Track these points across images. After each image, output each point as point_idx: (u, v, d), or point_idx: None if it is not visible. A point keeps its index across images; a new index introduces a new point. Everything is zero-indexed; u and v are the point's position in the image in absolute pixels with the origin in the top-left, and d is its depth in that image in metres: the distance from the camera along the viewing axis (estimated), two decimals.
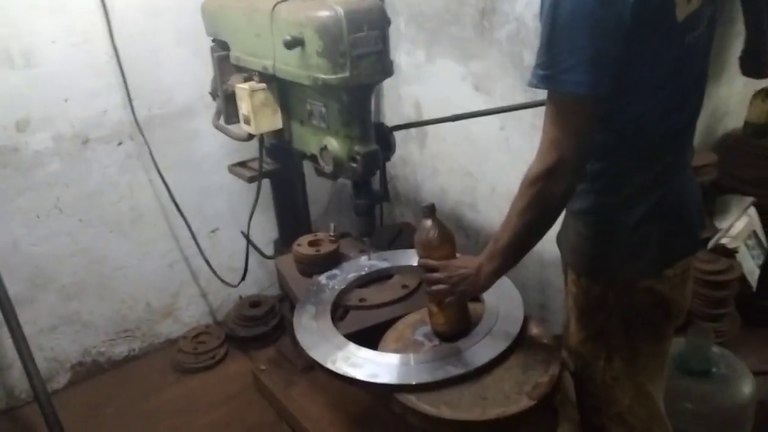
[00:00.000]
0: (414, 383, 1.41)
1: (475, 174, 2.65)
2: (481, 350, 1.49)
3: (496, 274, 1.37)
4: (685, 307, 1.42)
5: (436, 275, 1.46)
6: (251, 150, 2.37)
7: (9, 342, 2.32)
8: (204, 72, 2.34)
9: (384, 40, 1.61)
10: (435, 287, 1.47)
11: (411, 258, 1.92)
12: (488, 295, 1.68)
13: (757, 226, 2.67)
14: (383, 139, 1.78)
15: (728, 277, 2.44)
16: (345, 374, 1.46)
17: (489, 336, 1.53)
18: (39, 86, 2.21)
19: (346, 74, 1.56)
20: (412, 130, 2.87)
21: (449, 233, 1.53)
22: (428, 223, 1.51)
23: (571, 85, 1.10)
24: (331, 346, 1.58)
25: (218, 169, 2.60)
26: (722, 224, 2.50)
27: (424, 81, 2.76)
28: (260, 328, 2.73)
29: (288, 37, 1.58)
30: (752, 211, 2.66)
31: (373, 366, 1.48)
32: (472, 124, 2.54)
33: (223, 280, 2.70)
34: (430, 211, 1.51)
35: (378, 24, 1.58)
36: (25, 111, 2.22)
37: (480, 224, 2.70)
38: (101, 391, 2.57)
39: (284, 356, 2.48)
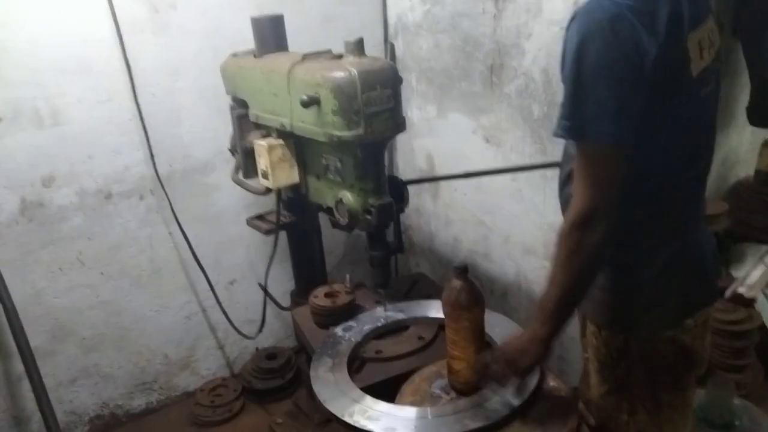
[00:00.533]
0: None
1: (488, 224, 2.68)
2: (498, 404, 1.49)
3: (552, 337, 1.34)
4: (705, 357, 1.42)
5: (496, 369, 1.44)
6: (268, 203, 2.43)
7: (29, 395, 2.35)
8: (223, 128, 2.42)
9: (396, 97, 1.67)
10: (500, 379, 1.45)
11: (427, 309, 1.95)
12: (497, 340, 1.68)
13: None
14: (397, 191, 1.82)
15: (747, 326, 2.42)
16: (363, 428, 1.46)
17: (506, 389, 1.53)
18: (65, 144, 2.29)
19: (360, 131, 1.62)
20: (425, 184, 2.93)
21: (479, 295, 1.51)
22: (458, 284, 1.48)
23: (595, 135, 1.13)
24: (348, 399, 1.58)
25: (236, 222, 2.65)
26: (738, 273, 2.50)
27: (435, 134, 2.82)
28: (277, 380, 2.73)
29: (305, 97, 1.65)
30: None
31: (391, 419, 1.48)
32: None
33: (240, 332, 2.72)
34: (462, 271, 1.49)
35: (390, 83, 1.64)
36: (51, 167, 2.29)
37: (493, 274, 2.71)
38: None
39: (300, 409, 2.47)
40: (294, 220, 2.20)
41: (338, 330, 1.86)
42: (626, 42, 1.08)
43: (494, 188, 2.54)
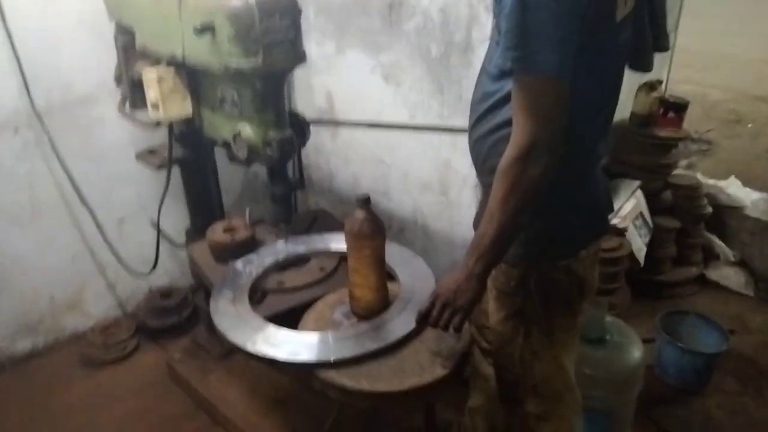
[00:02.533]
0: (333, 359, 1.47)
1: (387, 161, 2.73)
2: (397, 326, 1.57)
3: (487, 273, 1.35)
4: (595, 285, 1.53)
5: (432, 310, 1.40)
6: (160, 137, 2.33)
7: None
8: (106, 57, 2.27)
9: (296, 28, 1.63)
10: (438, 321, 1.39)
11: (328, 242, 1.98)
12: (403, 275, 1.76)
13: (644, 208, 2.93)
14: (298, 127, 1.81)
15: (619, 254, 2.67)
16: (264, 355, 1.49)
17: (405, 312, 1.61)
18: None
19: (259, 61, 1.58)
20: (325, 119, 2.91)
21: (381, 225, 1.55)
22: (361, 214, 1.52)
23: (541, 65, 1.15)
24: (250, 328, 1.60)
25: (124, 157, 2.53)
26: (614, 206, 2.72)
27: (334, 72, 2.79)
28: (173, 318, 2.70)
29: (198, 25, 1.58)
30: (639, 193, 2.91)
31: (293, 345, 1.52)
32: (383, 111, 2.62)
33: (132, 271, 2.64)
34: (364, 202, 1.52)
35: (289, 12, 1.61)
36: None
37: (393, 211, 2.78)
38: (4, 388, 2.46)
39: (200, 345, 2.47)
40: (187, 155, 2.13)
41: (238, 264, 1.86)
42: None
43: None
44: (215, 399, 2.27)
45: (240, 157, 1.77)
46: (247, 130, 1.73)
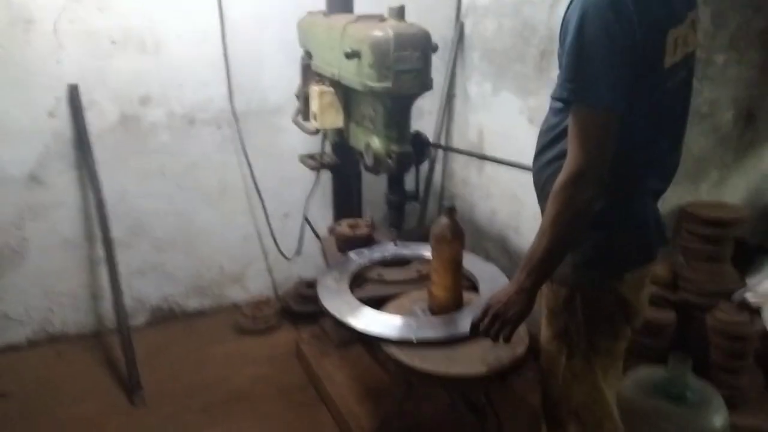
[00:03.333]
0: (395, 338, 1.70)
1: (521, 198, 2.89)
2: (461, 325, 1.75)
3: (536, 287, 1.43)
4: (640, 310, 1.59)
5: (485, 320, 1.49)
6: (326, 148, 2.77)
7: (104, 277, 2.84)
8: (296, 77, 2.76)
9: (425, 60, 1.93)
10: (489, 331, 1.49)
11: (428, 250, 2.22)
12: (484, 289, 1.94)
13: None
14: (418, 146, 2.09)
15: (747, 330, 2.51)
16: (347, 324, 1.77)
17: (472, 316, 1.78)
18: (162, 71, 2.73)
19: (389, 84, 1.90)
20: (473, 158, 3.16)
21: (461, 232, 1.77)
22: (445, 220, 1.77)
23: (594, 98, 1.27)
24: (344, 303, 1.90)
25: (297, 162, 3.01)
26: (752, 281, 2.58)
27: (488, 110, 3.05)
28: (311, 306, 3.06)
29: (348, 50, 1.95)
30: None
31: (371, 321, 1.78)
32: (524, 151, 2.80)
33: (282, 253, 3.11)
34: (449, 210, 1.78)
35: (421, 46, 1.91)
36: (148, 89, 2.74)
37: (523, 247, 2.91)
38: (171, 335, 3.02)
39: (324, 332, 2.82)
40: (338, 162, 2.52)
41: (351, 254, 2.17)
42: (623, 22, 1.24)
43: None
44: (325, 378, 2.57)
45: (368, 164, 2.10)
46: (376, 142, 2.06)
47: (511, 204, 2.97)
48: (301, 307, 3.09)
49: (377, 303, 1.95)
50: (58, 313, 2.90)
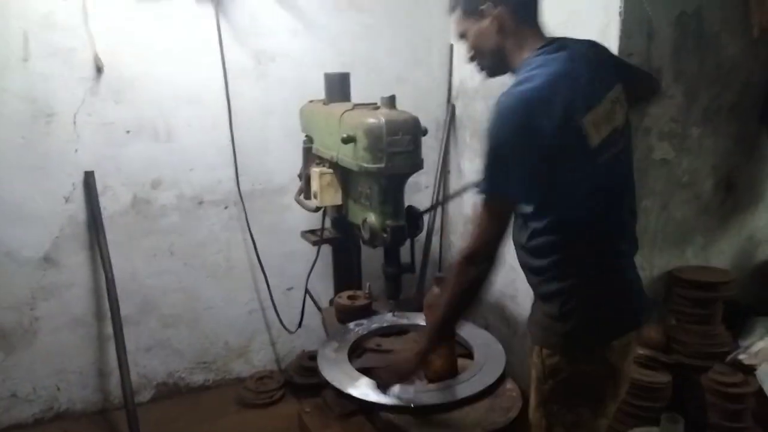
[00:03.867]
0: (391, 404, 1.78)
1: (516, 268, 2.98)
2: (456, 391, 1.83)
3: (428, 351, 1.72)
4: (627, 377, 1.67)
5: (385, 378, 1.85)
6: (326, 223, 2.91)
7: (112, 354, 2.91)
8: (299, 160, 2.95)
9: (416, 143, 2.11)
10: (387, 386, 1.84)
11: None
12: (478, 355, 2.02)
13: None
14: (412, 219, 2.23)
15: (743, 390, 2.55)
16: (342, 390, 1.85)
17: (467, 383, 1.86)
18: (173, 156, 2.91)
19: (382, 165, 2.07)
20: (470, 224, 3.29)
21: None
22: (436, 290, 1.90)
23: (490, 187, 1.45)
24: (342, 373, 1.98)
25: (300, 238, 3.15)
26: (745, 342, 2.64)
27: None
28: (314, 378, 3.10)
29: (345, 135, 2.12)
30: None
31: (368, 390, 1.86)
32: None
33: (285, 327, 3.20)
34: (441, 281, 1.90)
35: (411, 131, 2.09)
36: (160, 173, 2.91)
37: (519, 315, 3.00)
38: (176, 410, 3.06)
39: (326, 403, 2.85)
40: (338, 237, 2.65)
41: (351, 325, 2.27)
42: (527, 124, 1.40)
43: None
44: None
45: (365, 238, 2.23)
46: (372, 218, 2.20)
47: (507, 274, 3.06)
48: (303, 380, 3.15)
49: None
50: (64, 391, 2.96)
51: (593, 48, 1.65)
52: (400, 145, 2.05)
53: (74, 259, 2.84)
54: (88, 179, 2.76)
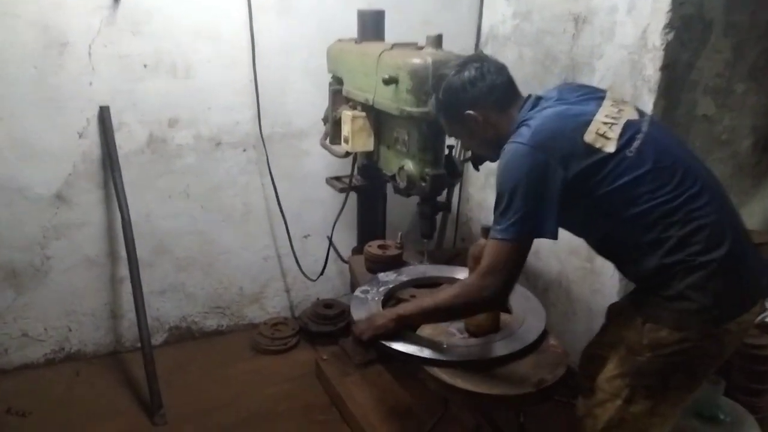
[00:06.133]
0: (437, 358, 1.72)
1: None
2: (500, 347, 1.79)
3: (405, 322, 1.80)
4: (724, 359, 1.61)
5: (359, 325, 1.88)
6: (346, 169, 2.81)
7: (125, 296, 2.86)
8: (320, 103, 2.83)
9: None
10: (358, 332, 1.86)
11: (458, 272, 2.25)
12: (517, 309, 1.97)
13: None
14: (451, 168, 2.14)
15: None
16: (387, 344, 1.78)
17: (510, 338, 1.82)
18: (191, 94, 2.78)
19: (427, 109, 1.96)
20: (491, 179, 3.21)
21: None
22: (483, 241, 1.81)
23: (503, 233, 1.54)
24: None
25: (319, 184, 3.06)
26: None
27: None
28: (329, 326, 3.11)
29: (386, 76, 2.01)
30: None
31: (409, 342, 1.80)
32: None
33: (306, 275, 3.13)
34: (487, 231, 1.82)
35: None
36: (177, 112, 2.78)
37: (540, 271, 2.96)
38: (189, 354, 3.03)
39: (345, 351, 2.83)
40: (365, 184, 2.56)
41: (382, 275, 2.20)
42: (541, 160, 1.49)
43: None
44: (347, 398, 2.58)
45: (400, 186, 2.14)
46: (410, 165, 2.11)
47: None
48: (319, 328, 3.11)
49: None
50: (76, 332, 2.91)
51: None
52: None
53: (87, 198, 2.74)
54: (103, 114, 2.63)
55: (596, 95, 1.66)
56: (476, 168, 2.14)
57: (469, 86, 1.66)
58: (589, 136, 1.52)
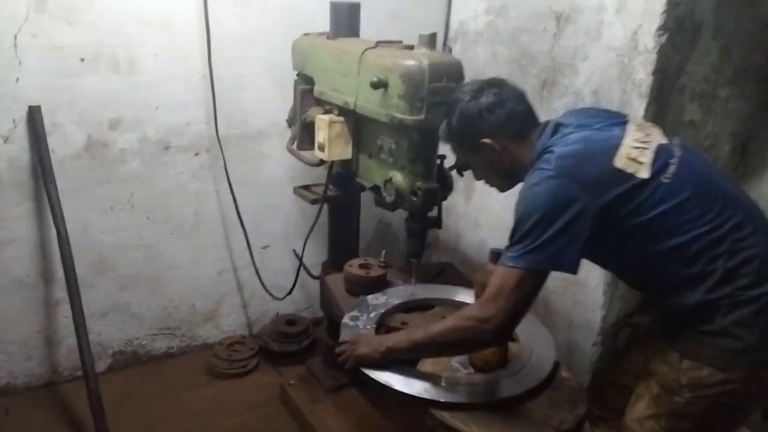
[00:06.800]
0: (444, 401, 1.53)
1: None
2: (510, 384, 1.61)
3: (391, 355, 1.62)
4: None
5: (344, 346, 1.72)
6: (313, 176, 2.58)
7: (63, 320, 2.54)
8: (280, 101, 2.58)
9: None
10: (338, 349, 1.73)
11: (452, 293, 2.08)
12: (523, 337, 1.81)
13: None
14: (443, 180, 1.95)
15: None
16: (385, 382, 1.58)
17: (519, 373, 1.65)
18: (136, 92, 2.45)
19: (421, 117, 1.76)
20: (460, 182, 3.05)
21: None
22: (492, 267, 1.63)
23: (515, 261, 1.41)
24: None
25: (279, 191, 2.81)
26: None
27: None
28: (292, 345, 2.86)
29: (375, 79, 1.78)
30: None
31: (410, 379, 1.60)
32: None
33: (270, 293, 2.87)
34: (498, 256, 1.64)
35: (455, 77, 1.79)
36: (120, 112, 2.45)
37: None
38: (136, 381, 2.71)
39: (313, 374, 2.60)
40: (338, 195, 2.33)
41: (369, 298, 1.99)
42: (558, 196, 1.37)
43: None
44: (319, 427, 2.36)
45: (387, 200, 1.93)
46: (398, 177, 1.90)
47: (504, 235, 2.86)
48: (281, 347, 2.87)
49: None
50: (4, 364, 2.54)
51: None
52: (443, 94, 1.74)
53: (15, 211, 2.37)
54: (34, 115, 2.27)
55: (618, 120, 1.55)
56: (460, 174, 1.97)
57: (486, 113, 1.54)
58: (619, 161, 1.41)
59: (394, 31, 2.32)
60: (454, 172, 1.99)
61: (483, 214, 2.98)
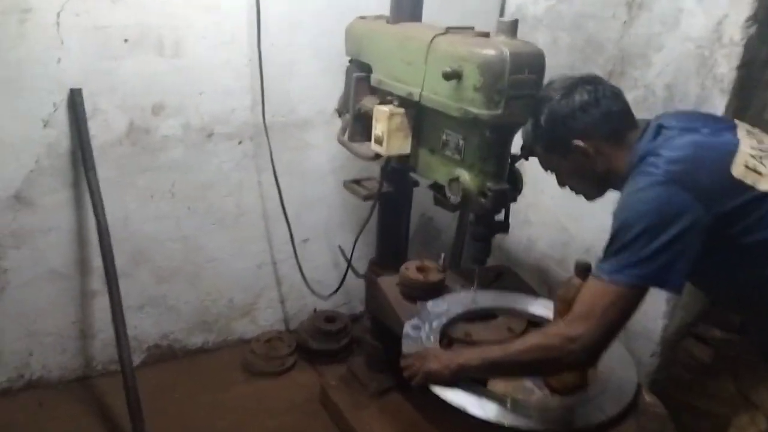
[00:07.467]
0: (524, 428, 1.40)
1: (571, 231, 2.65)
2: (592, 410, 1.48)
3: (463, 372, 1.52)
4: None
5: (409, 360, 1.64)
6: (358, 168, 2.45)
7: (98, 313, 2.46)
8: (328, 89, 2.44)
9: (540, 84, 1.65)
10: (404, 362, 1.64)
11: (514, 301, 1.94)
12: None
13: None
14: (513, 181, 1.80)
15: None
16: (459, 406, 1.45)
17: (601, 397, 1.51)
18: (181, 76, 2.32)
19: (499, 111, 1.61)
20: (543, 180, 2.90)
21: None
22: (578, 282, 1.53)
23: (614, 275, 1.28)
24: None
25: (321, 181, 2.69)
26: None
27: None
28: (331, 343, 2.75)
29: (448, 69, 1.64)
30: None
31: (476, 398, 1.47)
32: None
33: (312, 290, 2.75)
34: (584, 270, 1.54)
35: (537, 69, 1.63)
36: (163, 96, 2.33)
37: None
38: (171, 376, 2.62)
39: (355, 376, 2.48)
40: (391, 191, 2.19)
41: (429, 304, 1.86)
42: (667, 205, 1.25)
43: None
44: None
45: (453, 201, 1.79)
46: (466, 177, 1.75)
47: (556, 234, 2.73)
48: (320, 345, 2.76)
49: None
50: (38, 356, 2.45)
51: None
52: (524, 87, 1.59)
53: (53, 199, 2.27)
54: (75, 99, 2.15)
55: (727, 125, 1.42)
56: (525, 158, 1.81)
57: (579, 113, 1.43)
58: (737, 170, 1.27)
59: (445, 14, 2.16)
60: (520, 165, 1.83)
61: (534, 210, 2.83)
